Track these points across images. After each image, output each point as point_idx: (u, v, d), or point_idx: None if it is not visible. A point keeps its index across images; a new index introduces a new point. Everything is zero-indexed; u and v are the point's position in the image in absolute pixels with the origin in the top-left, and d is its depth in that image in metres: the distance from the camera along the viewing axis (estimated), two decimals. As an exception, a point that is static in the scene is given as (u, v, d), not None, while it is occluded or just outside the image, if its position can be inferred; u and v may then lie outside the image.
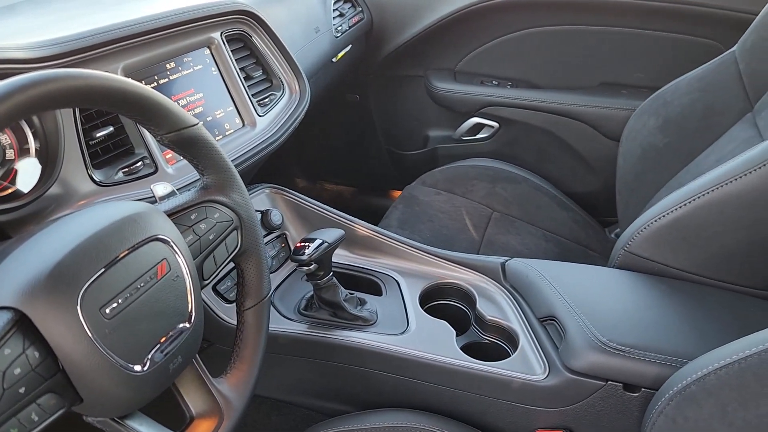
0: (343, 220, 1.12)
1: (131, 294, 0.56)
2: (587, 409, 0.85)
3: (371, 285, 1.07)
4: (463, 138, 1.90)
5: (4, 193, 0.74)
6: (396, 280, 1.07)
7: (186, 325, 0.61)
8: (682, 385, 0.66)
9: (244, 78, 1.12)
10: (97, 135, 0.83)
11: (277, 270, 1.09)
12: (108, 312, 0.53)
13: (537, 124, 1.77)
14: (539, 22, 1.73)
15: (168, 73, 0.98)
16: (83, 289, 0.52)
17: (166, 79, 0.97)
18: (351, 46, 1.69)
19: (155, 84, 0.95)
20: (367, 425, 0.88)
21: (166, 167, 0.92)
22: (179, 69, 1.00)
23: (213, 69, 1.07)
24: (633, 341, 0.82)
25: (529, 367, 0.89)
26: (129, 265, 0.56)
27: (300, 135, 1.24)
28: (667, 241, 0.95)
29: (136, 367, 0.55)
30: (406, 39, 1.82)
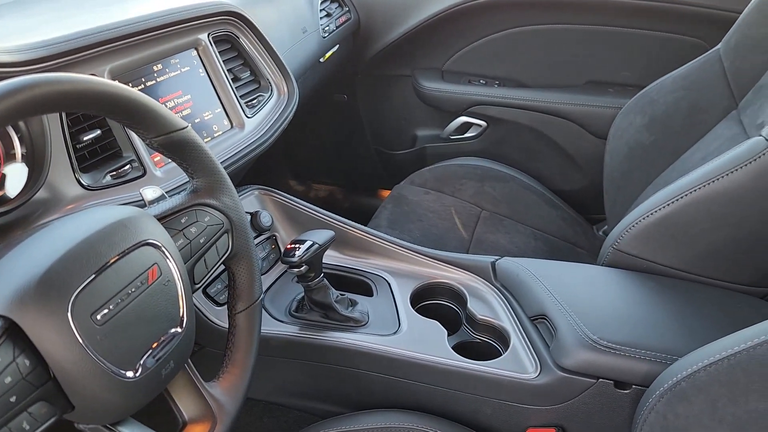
0: (333, 221, 1.12)
1: (122, 300, 0.55)
2: (579, 407, 0.85)
3: (362, 286, 1.07)
4: (451, 137, 1.90)
5: (-9, 198, 0.73)
6: (387, 281, 1.07)
7: (178, 330, 0.61)
8: (673, 381, 0.67)
9: (231, 79, 1.11)
10: (84, 138, 0.82)
11: (268, 272, 1.08)
12: (99, 318, 0.53)
13: (524, 123, 1.77)
14: (526, 21, 1.73)
15: (155, 75, 0.97)
16: (74, 295, 0.51)
17: (154, 81, 0.97)
18: (338, 46, 1.69)
19: (142, 86, 0.95)
20: (359, 426, 0.88)
21: (154, 170, 0.91)
22: (166, 71, 0.99)
23: (200, 70, 1.06)
24: (623, 339, 0.82)
25: (520, 365, 0.89)
26: (120, 271, 0.56)
27: (288, 135, 1.24)
28: (655, 238, 0.96)
29: (128, 374, 0.55)
30: (393, 39, 1.82)
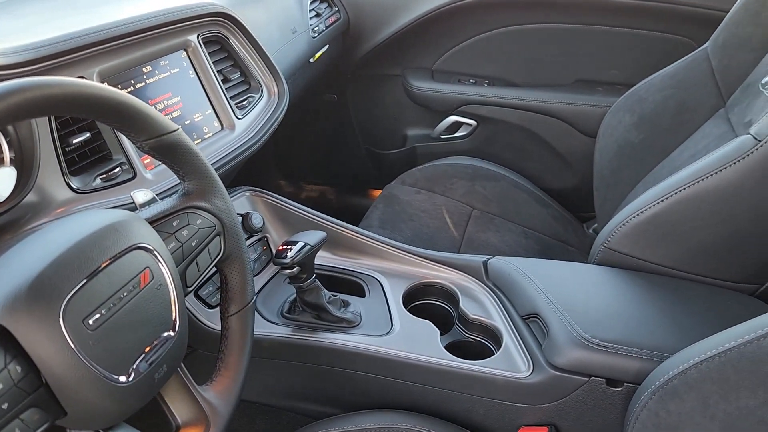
0: (325, 221, 1.12)
1: (114, 304, 0.55)
2: (571, 405, 0.86)
3: (354, 286, 1.07)
4: (441, 136, 1.90)
5: (-21, 202, 0.72)
6: (379, 281, 1.07)
7: (170, 334, 0.61)
8: (664, 379, 0.67)
9: (221, 80, 1.11)
10: (73, 141, 0.82)
11: (259, 273, 1.08)
12: (91, 323, 0.53)
13: (514, 122, 1.78)
14: (515, 21, 1.74)
15: (144, 76, 0.96)
16: (65, 301, 0.51)
17: (143, 83, 0.96)
18: (328, 46, 1.69)
19: (132, 88, 0.94)
20: (353, 427, 0.88)
21: (144, 172, 0.91)
22: (156, 72, 0.99)
23: (190, 72, 1.05)
24: (615, 337, 0.83)
25: (513, 364, 0.90)
26: (111, 275, 0.56)
27: (278, 136, 1.24)
28: (645, 236, 0.97)
29: (120, 378, 0.55)
30: (382, 38, 1.82)
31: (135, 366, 0.56)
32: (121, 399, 0.55)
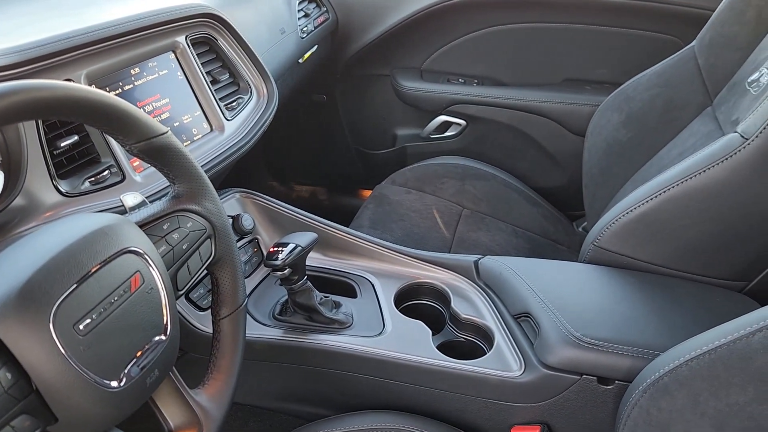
0: (316, 222, 1.11)
1: (105, 309, 0.54)
2: (563, 403, 0.86)
3: (346, 287, 1.07)
4: (431, 136, 1.90)
5: (-34, 207, 0.72)
6: (370, 282, 1.07)
7: (162, 338, 0.60)
8: (655, 377, 0.67)
9: (210, 82, 1.10)
10: (61, 144, 0.81)
11: (250, 275, 1.08)
12: (82, 328, 0.52)
13: (504, 121, 1.78)
14: (503, 20, 1.74)
15: (133, 78, 0.96)
16: (55, 306, 0.51)
17: (131, 85, 0.95)
18: (317, 47, 1.68)
19: (120, 90, 0.93)
20: (346, 428, 0.88)
21: (133, 175, 0.90)
22: (144, 74, 0.98)
23: (179, 73, 1.05)
24: (606, 335, 0.83)
25: (505, 364, 0.90)
26: (101, 280, 0.55)
27: (268, 137, 1.23)
28: (635, 235, 0.97)
29: (112, 384, 0.54)
30: (371, 38, 1.82)
31: (126, 371, 0.56)
32: (113, 404, 0.54)
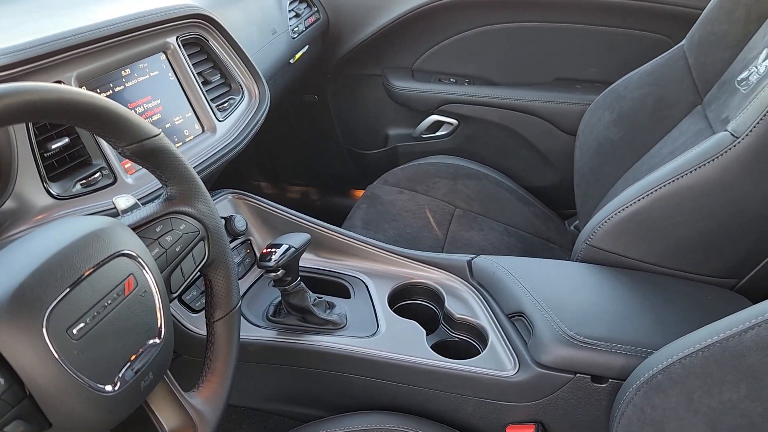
0: (308, 223, 1.11)
1: (99, 313, 0.54)
2: (557, 402, 0.87)
3: (339, 288, 1.07)
4: (422, 136, 1.91)
5: (-44, 210, 0.71)
6: (364, 282, 1.07)
7: (156, 341, 0.60)
8: (649, 375, 0.68)
9: (201, 83, 1.10)
10: (52, 147, 0.80)
11: (243, 277, 1.07)
12: (75, 333, 0.52)
13: (495, 121, 1.79)
14: (494, 20, 1.75)
15: (123, 80, 0.95)
16: (48, 310, 0.50)
17: (122, 87, 0.95)
18: (308, 47, 1.68)
19: (111, 92, 0.93)
20: (341, 429, 0.88)
21: (125, 177, 0.89)
22: (135, 76, 0.97)
23: (170, 74, 1.04)
24: (599, 334, 0.83)
25: (499, 363, 0.90)
26: (95, 283, 0.55)
27: (259, 137, 1.23)
28: (627, 233, 0.98)
29: (106, 388, 0.54)
30: (362, 38, 1.82)
31: (121, 375, 0.55)
32: (107, 409, 0.54)
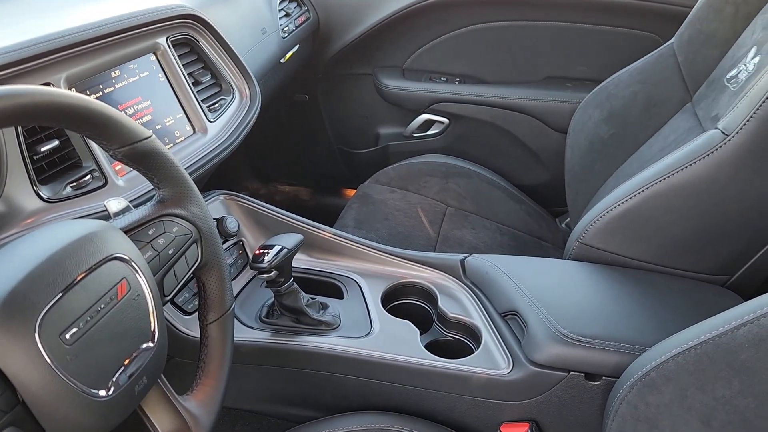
0: (301, 223, 1.11)
1: (91, 317, 0.54)
2: (551, 400, 0.87)
3: (332, 288, 1.07)
4: (414, 135, 1.91)
5: (-55, 215, 0.70)
6: (357, 282, 1.06)
7: (150, 345, 0.60)
8: (642, 372, 0.68)
9: (192, 83, 1.09)
10: (41, 149, 0.80)
11: (236, 278, 1.07)
12: (68, 338, 0.51)
13: (486, 119, 1.79)
14: (484, 19, 1.75)
15: (113, 81, 0.95)
16: (41, 315, 0.50)
17: (112, 88, 0.94)
18: (298, 47, 1.67)
19: (100, 93, 0.92)
20: (335, 430, 0.88)
21: (116, 179, 0.89)
22: (125, 77, 0.97)
23: (160, 75, 1.04)
24: (593, 331, 0.84)
25: (493, 362, 0.90)
26: (87, 288, 0.54)
27: (250, 138, 1.23)
28: (619, 231, 0.98)
29: (100, 393, 0.54)
30: (353, 38, 1.81)
31: (114, 379, 0.55)
32: (101, 414, 0.54)
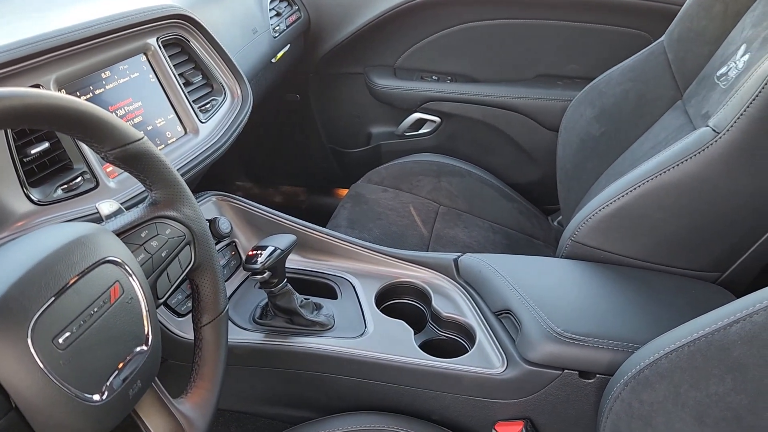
0: (293, 224, 1.11)
1: (85, 321, 0.53)
2: (545, 398, 0.87)
3: (326, 289, 1.07)
4: (405, 134, 1.91)
5: (-66, 219, 0.70)
6: (351, 283, 1.06)
7: (143, 348, 0.59)
8: (636, 369, 0.68)
9: (183, 84, 1.08)
10: (31, 152, 0.79)
11: (229, 279, 1.06)
12: (61, 342, 0.51)
13: (478, 118, 1.79)
14: (475, 17, 1.75)
15: (103, 82, 0.94)
16: (33, 320, 0.49)
17: (102, 89, 0.93)
18: (289, 46, 1.67)
19: (91, 94, 0.91)
20: (330, 431, 0.88)
21: (107, 181, 0.88)
22: (115, 78, 0.96)
23: (151, 76, 1.03)
24: (586, 330, 0.84)
25: (487, 361, 0.90)
26: (80, 291, 0.54)
27: (242, 138, 1.22)
28: (612, 229, 0.98)
29: (94, 397, 0.53)
30: (344, 37, 1.81)
31: (108, 383, 0.55)
32: (96, 418, 0.53)
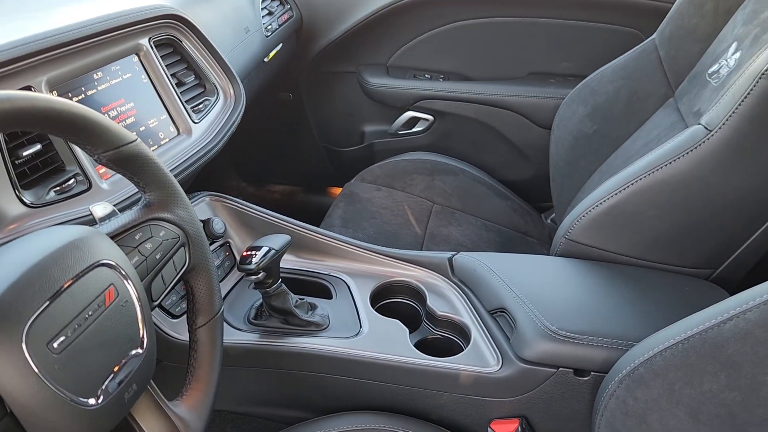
0: (287, 224, 1.10)
1: (79, 325, 0.53)
2: (540, 396, 0.87)
3: (321, 288, 1.07)
4: (399, 132, 1.90)
5: (-75, 222, 0.69)
6: (345, 282, 1.06)
7: (139, 351, 0.59)
8: (631, 367, 0.69)
9: (176, 84, 1.08)
10: (23, 154, 0.78)
11: (223, 280, 1.06)
12: (56, 346, 0.51)
13: (471, 116, 1.79)
14: (467, 15, 1.75)
15: (96, 83, 0.93)
16: (27, 325, 0.49)
17: (94, 90, 0.93)
18: (282, 45, 1.66)
19: (83, 96, 0.91)
20: (326, 431, 0.88)
21: (100, 183, 0.88)
22: (107, 79, 0.96)
23: (143, 77, 1.03)
24: (581, 327, 0.84)
25: (482, 359, 0.91)
26: (75, 295, 0.54)
27: (235, 137, 1.22)
28: (605, 227, 0.99)
29: (89, 401, 0.53)
30: (336, 35, 1.81)
31: (104, 387, 0.55)
32: (91, 422, 0.53)
